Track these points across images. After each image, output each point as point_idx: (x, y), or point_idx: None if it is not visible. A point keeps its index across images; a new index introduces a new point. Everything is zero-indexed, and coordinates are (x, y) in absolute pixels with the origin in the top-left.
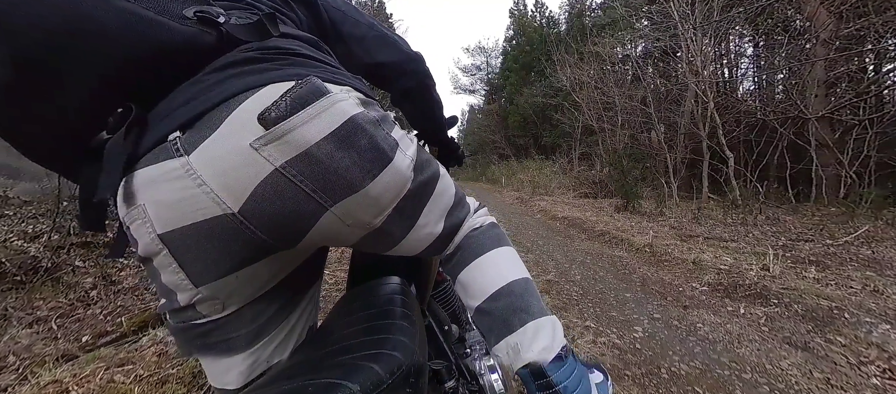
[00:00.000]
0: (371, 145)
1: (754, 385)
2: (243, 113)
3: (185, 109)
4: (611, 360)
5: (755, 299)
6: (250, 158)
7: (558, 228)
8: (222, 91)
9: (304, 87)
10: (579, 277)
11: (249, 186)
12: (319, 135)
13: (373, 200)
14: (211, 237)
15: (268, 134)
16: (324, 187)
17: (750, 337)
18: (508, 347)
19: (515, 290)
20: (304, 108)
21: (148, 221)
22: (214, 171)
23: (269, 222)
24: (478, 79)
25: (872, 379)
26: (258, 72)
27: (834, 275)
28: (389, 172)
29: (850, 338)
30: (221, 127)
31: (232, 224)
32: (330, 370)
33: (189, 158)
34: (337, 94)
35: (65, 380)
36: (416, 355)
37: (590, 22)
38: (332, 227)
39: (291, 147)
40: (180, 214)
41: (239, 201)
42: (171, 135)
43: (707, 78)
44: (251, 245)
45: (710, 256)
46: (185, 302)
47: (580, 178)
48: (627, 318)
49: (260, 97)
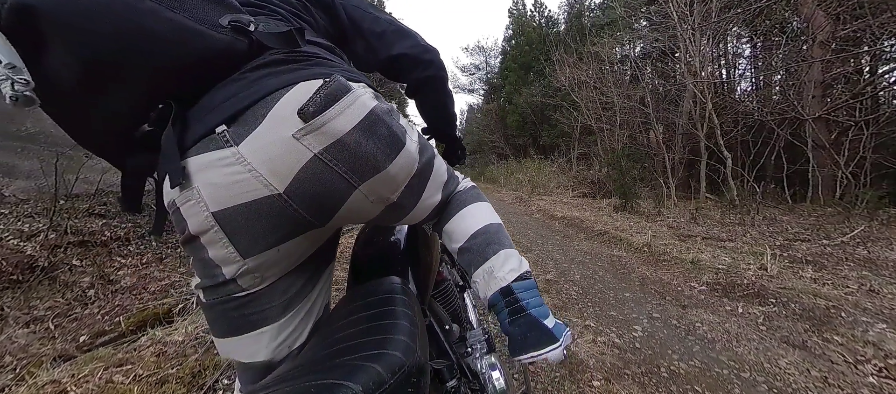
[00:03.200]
0: (389, 133)
1: (752, 384)
2: (284, 108)
3: (229, 105)
4: (611, 359)
5: (753, 298)
6: (293, 147)
7: (557, 228)
8: (260, 88)
9: (332, 85)
10: (578, 277)
11: (293, 170)
12: (349, 125)
13: (391, 178)
14: (259, 215)
15: (307, 126)
16: (353, 169)
17: (748, 336)
18: (484, 272)
19: (490, 230)
20: (335, 102)
21: (202, 201)
22: (263, 158)
23: (309, 201)
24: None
25: (869, 378)
26: (289, 71)
27: (830, 274)
28: (404, 155)
29: (847, 337)
30: (266, 120)
31: (278, 203)
32: (331, 371)
33: (239, 148)
34: (358, 90)
35: (63, 380)
36: (418, 355)
37: (589, 22)
38: (358, 203)
39: (327, 136)
40: (232, 195)
41: (285, 183)
42: (219, 128)
43: (705, 78)
44: (292, 222)
45: (709, 256)
46: (230, 275)
47: (579, 177)
48: (627, 317)
49: (295, 94)
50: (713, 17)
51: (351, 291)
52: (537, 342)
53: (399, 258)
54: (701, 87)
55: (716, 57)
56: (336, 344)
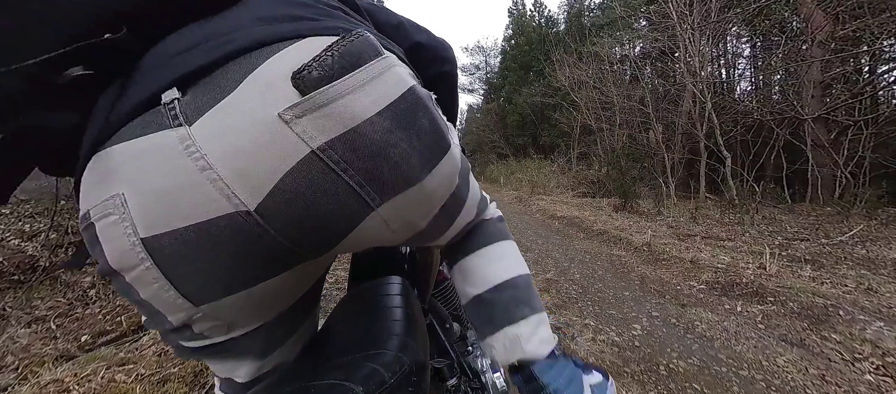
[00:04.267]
0: (432, 127)
1: (751, 382)
2: (272, 69)
3: (189, 57)
4: (610, 357)
5: (752, 297)
6: (278, 134)
7: (557, 228)
8: (243, 37)
9: (355, 42)
10: (578, 276)
11: (274, 175)
12: (375, 106)
13: (426, 196)
14: (216, 244)
15: (305, 101)
16: (373, 179)
17: (747, 334)
18: (507, 337)
19: (520, 284)
20: (357, 68)
21: (127, 219)
22: (226, 150)
23: (297, 225)
24: (476, 78)
25: (866, 375)
26: (291, 20)
27: (829, 273)
28: (448, 162)
29: (845, 335)
30: (240, 87)
31: (246, 226)
32: (332, 371)
33: (191, 130)
34: (392, 56)
35: (66, 379)
36: (419, 354)
37: (588, 22)
38: (373, 231)
39: (336, 121)
40: (174, 211)
41: (258, 195)
42: (167, 93)
43: (705, 78)
44: (270, 255)
45: (708, 255)
46: (179, 322)
47: (578, 177)
48: (626, 316)
49: (294, 51)
50: (713, 17)
51: (351, 290)
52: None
53: (399, 258)
54: (700, 87)
55: (715, 57)
56: (337, 344)
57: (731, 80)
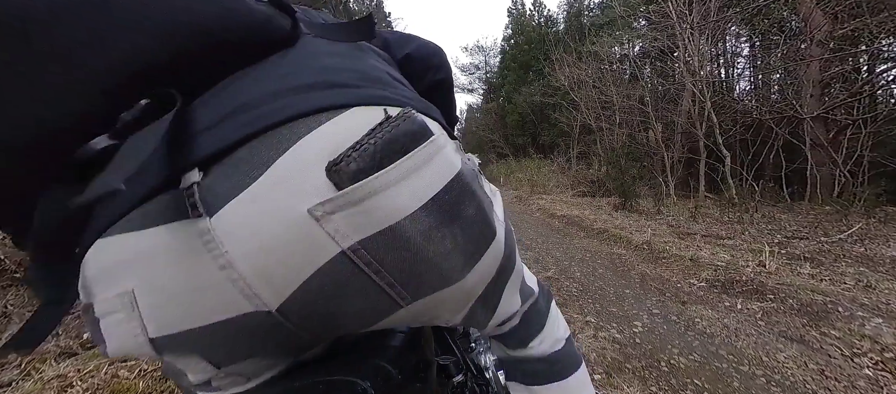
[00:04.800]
0: (478, 216)
1: (751, 377)
2: (304, 152)
3: (217, 132)
4: (612, 354)
5: (752, 294)
6: (306, 233)
7: (557, 227)
8: (275, 110)
9: (402, 125)
10: (579, 274)
11: (300, 276)
12: (418, 201)
13: (465, 293)
14: (230, 336)
15: (339, 197)
16: (407, 280)
17: (747, 331)
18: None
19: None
20: (402, 157)
21: (136, 319)
22: (249, 247)
23: (319, 322)
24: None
25: (865, 370)
26: (330, 86)
27: (828, 271)
28: (492, 253)
29: (844, 331)
30: (268, 173)
31: (265, 322)
32: (340, 367)
33: (211, 222)
34: (440, 137)
35: (69, 375)
36: (424, 351)
37: (588, 21)
38: (398, 321)
39: (372, 219)
40: (189, 312)
41: (281, 296)
42: (187, 177)
43: (704, 77)
44: (288, 341)
45: (708, 254)
46: (198, 381)
47: (578, 176)
48: (627, 313)
49: (331, 131)
50: (712, 16)
51: None
52: None
53: None
54: (700, 86)
55: (714, 56)
56: (343, 340)
57: (730, 80)
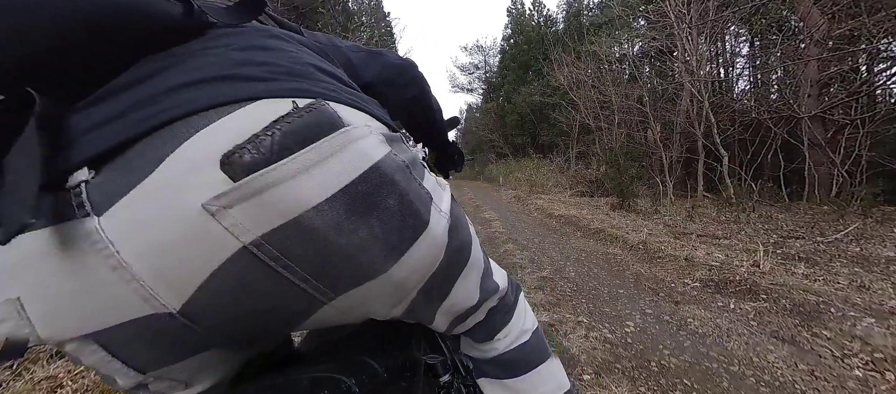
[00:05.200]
0: (402, 207)
1: (741, 377)
2: (197, 148)
3: (107, 131)
4: (602, 354)
5: (745, 294)
6: (201, 229)
7: (554, 226)
8: (174, 105)
9: (307, 117)
10: (574, 274)
11: (199, 275)
12: (324, 192)
13: (395, 286)
14: (138, 338)
15: (234, 189)
16: (322, 274)
17: (738, 331)
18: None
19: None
20: (304, 148)
21: (27, 326)
22: (141, 246)
23: (231, 325)
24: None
25: (855, 371)
26: (236, 79)
27: (822, 271)
28: (423, 244)
29: (836, 332)
30: (159, 168)
31: (172, 326)
32: (325, 364)
33: (100, 221)
34: (355, 129)
35: (59, 375)
36: (412, 350)
37: (587, 21)
38: (332, 319)
39: (273, 212)
40: (83, 316)
41: (181, 297)
42: (73, 177)
43: (702, 77)
44: (204, 345)
45: (703, 253)
46: (129, 386)
47: (577, 176)
48: (620, 313)
49: (231, 123)
50: (710, 16)
51: None
52: None
53: None
54: (698, 86)
55: (713, 56)
56: (330, 338)
57: (728, 79)
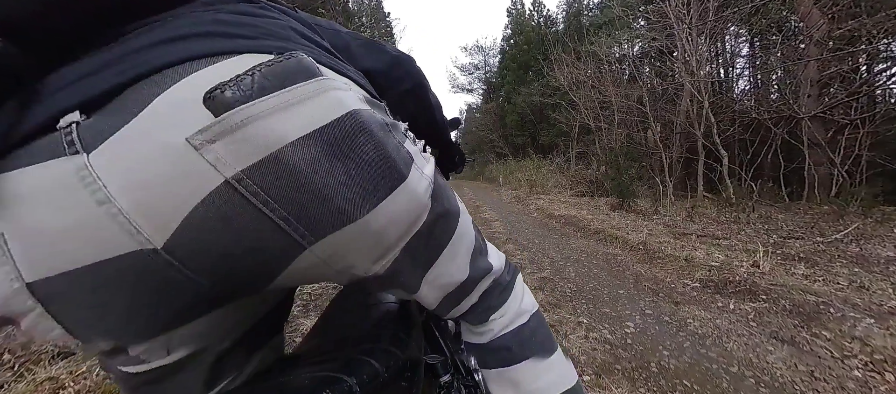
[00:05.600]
0: (378, 156)
1: (740, 378)
2: (184, 90)
3: (96, 79)
4: (602, 355)
5: (745, 294)
6: (186, 162)
7: (554, 227)
8: (162, 55)
9: (286, 62)
10: (574, 275)
11: (183, 208)
12: (300, 131)
13: (374, 235)
14: (119, 286)
15: (216, 124)
16: (300, 214)
17: (738, 332)
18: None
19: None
20: (282, 89)
21: (8, 262)
22: (128, 180)
23: (215, 265)
24: (475, 78)
25: (855, 372)
26: (222, 36)
27: (822, 271)
28: (402, 195)
29: (835, 332)
30: (147, 109)
31: (154, 266)
32: (327, 363)
33: (89, 158)
34: (333, 80)
35: (61, 377)
36: (412, 350)
37: (587, 21)
38: (314, 270)
39: (253, 146)
40: (67, 250)
41: (165, 231)
42: (65, 118)
43: (702, 77)
44: (187, 296)
45: (703, 254)
46: (108, 347)
47: (577, 177)
48: (619, 314)
49: (214, 71)
50: (710, 16)
51: (346, 286)
52: None
53: None
54: (698, 86)
55: (713, 56)
56: (331, 338)
57: (728, 80)
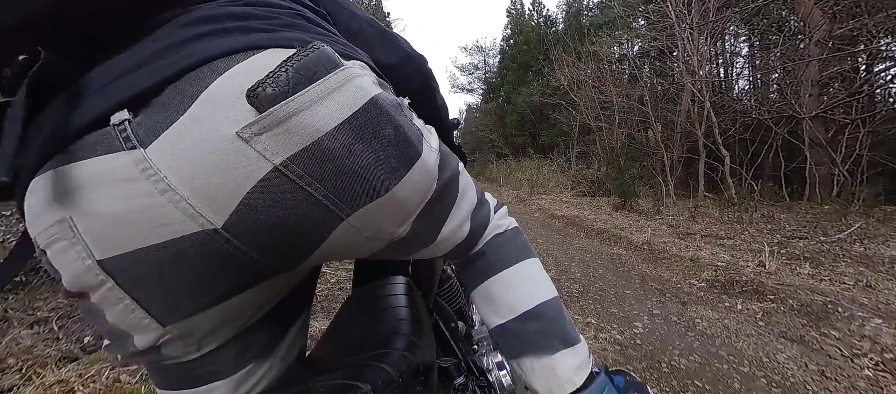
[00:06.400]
0: (397, 136)
1: (752, 378)
2: (224, 88)
3: (136, 78)
4: (612, 355)
5: (752, 294)
6: (238, 153)
7: (557, 227)
8: (192, 53)
9: (311, 55)
10: (579, 275)
11: (239, 192)
12: (334, 120)
13: (399, 204)
14: (183, 262)
15: (262, 118)
16: (339, 191)
17: (747, 332)
18: (540, 366)
19: (548, 313)
20: (313, 83)
21: (79, 243)
22: (186, 171)
23: (266, 239)
24: (475, 78)
25: (865, 371)
26: (243, 31)
27: (827, 271)
28: (418, 170)
29: (844, 332)
30: (193, 107)
31: (215, 244)
32: (340, 370)
33: (146, 152)
34: (352, 68)
35: (71, 380)
36: (425, 353)
37: (587, 21)
38: (347, 240)
39: (296, 137)
40: (134, 233)
41: (224, 213)
42: (116, 115)
43: (703, 77)
44: (241, 269)
45: (707, 254)
46: (145, 345)
47: (578, 177)
48: (627, 314)
49: (247, 67)
50: (711, 16)
51: (357, 291)
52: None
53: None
54: (699, 86)
55: (714, 56)
56: (343, 344)
57: (729, 79)
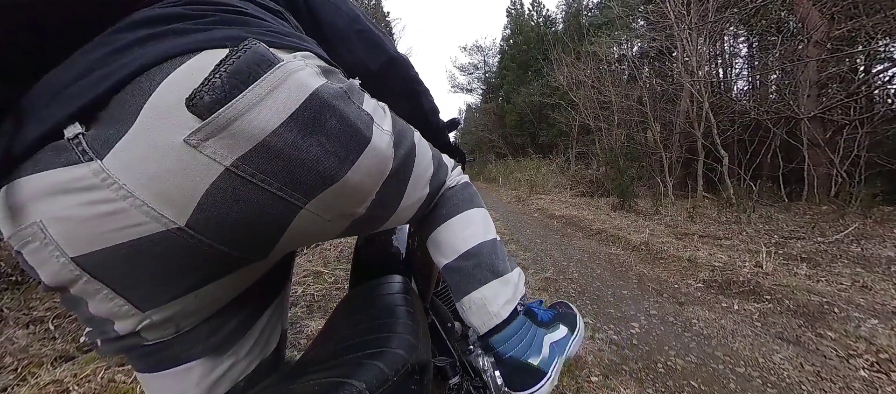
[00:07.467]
0: (343, 126)
1: (748, 378)
2: (164, 98)
3: (83, 87)
4: (609, 355)
5: (748, 295)
6: (189, 159)
7: (556, 227)
8: (129, 62)
9: (243, 56)
10: (577, 275)
11: (196, 194)
12: (278, 119)
13: (354, 189)
14: (155, 257)
15: (205, 125)
16: (293, 183)
17: (743, 332)
18: (474, 302)
19: (484, 250)
20: (249, 85)
21: (51, 243)
22: (143, 179)
23: (230, 233)
24: (475, 78)
25: (861, 372)
26: (179, 33)
27: (824, 271)
28: (369, 155)
29: (840, 333)
30: (140, 118)
31: (182, 240)
32: (335, 369)
33: (103, 163)
34: (290, 63)
35: (65, 380)
36: (421, 353)
37: (586, 21)
38: (310, 225)
39: (242, 140)
40: (103, 233)
41: (185, 213)
42: (69, 129)
43: (702, 78)
44: (212, 261)
45: (705, 254)
46: (126, 331)
47: (577, 177)
48: (624, 314)
49: (184, 73)
50: (710, 17)
51: (353, 290)
52: (523, 383)
53: (401, 257)
54: (698, 87)
55: (712, 56)
56: (339, 342)
57: (728, 80)
